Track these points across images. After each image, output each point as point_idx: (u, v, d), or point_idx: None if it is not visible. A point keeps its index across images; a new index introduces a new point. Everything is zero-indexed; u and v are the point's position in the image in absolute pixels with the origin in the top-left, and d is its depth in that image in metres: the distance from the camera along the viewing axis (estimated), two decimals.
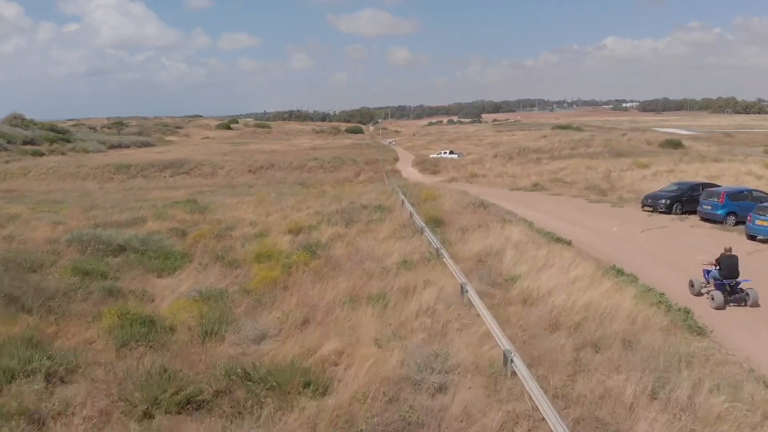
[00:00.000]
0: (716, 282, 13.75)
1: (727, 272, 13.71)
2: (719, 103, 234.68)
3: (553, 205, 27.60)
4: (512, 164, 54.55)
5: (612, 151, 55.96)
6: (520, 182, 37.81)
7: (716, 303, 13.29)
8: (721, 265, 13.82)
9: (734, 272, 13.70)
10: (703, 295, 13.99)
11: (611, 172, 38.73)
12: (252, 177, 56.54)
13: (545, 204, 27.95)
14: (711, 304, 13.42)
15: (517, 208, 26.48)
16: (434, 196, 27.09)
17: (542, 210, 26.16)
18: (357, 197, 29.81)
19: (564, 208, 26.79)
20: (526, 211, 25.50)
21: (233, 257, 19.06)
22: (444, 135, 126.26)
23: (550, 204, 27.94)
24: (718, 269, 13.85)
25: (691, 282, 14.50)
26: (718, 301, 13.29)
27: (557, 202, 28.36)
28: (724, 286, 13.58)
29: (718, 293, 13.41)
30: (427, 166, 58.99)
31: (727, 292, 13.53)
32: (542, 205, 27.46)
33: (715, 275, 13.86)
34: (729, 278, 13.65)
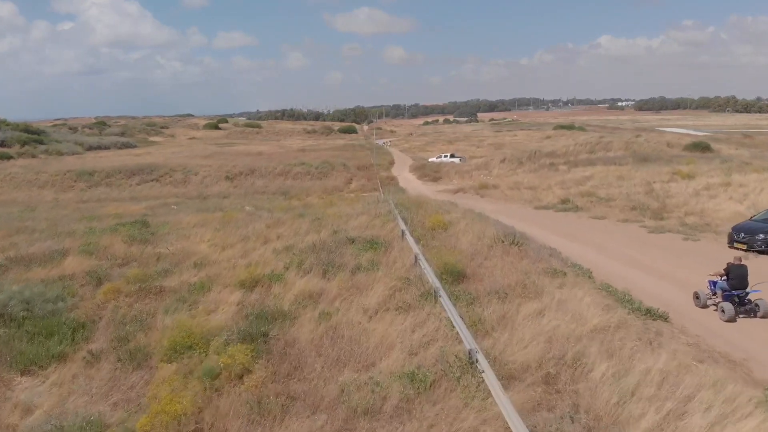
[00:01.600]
0: (725, 293, 12.89)
1: (736, 282, 12.85)
2: (719, 102, 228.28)
3: (603, 235, 20.62)
4: (524, 171, 47.61)
5: (635, 155, 49.07)
6: (544, 197, 30.86)
7: (727, 315, 12.43)
8: (731, 275, 12.95)
9: (744, 282, 12.88)
10: (709, 308, 13.17)
11: (651, 184, 31.82)
12: (229, 185, 49.47)
13: (591, 234, 20.94)
14: (721, 316, 12.57)
15: (557, 241, 19.51)
16: (444, 224, 20.07)
17: (592, 244, 19.15)
18: (343, 222, 22.80)
19: (619, 240, 19.76)
20: (572, 247, 18.54)
21: (141, 343, 12.11)
22: (441, 135, 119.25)
23: (598, 234, 20.93)
24: (726, 280, 13.00)
25: (696, 294, 13.49)
26: (729, 313, 12.42)
27: (606, 231, 21.36)
28: (732, 297, 12.75)
29: (728, 305, 12.54)
30: (426, 172, 52.02)
31: (736, 303, 12.66)
32: (588, 236, 20.47)
33: (723, 286, 13.02)
34: (738, 289, 12.81)
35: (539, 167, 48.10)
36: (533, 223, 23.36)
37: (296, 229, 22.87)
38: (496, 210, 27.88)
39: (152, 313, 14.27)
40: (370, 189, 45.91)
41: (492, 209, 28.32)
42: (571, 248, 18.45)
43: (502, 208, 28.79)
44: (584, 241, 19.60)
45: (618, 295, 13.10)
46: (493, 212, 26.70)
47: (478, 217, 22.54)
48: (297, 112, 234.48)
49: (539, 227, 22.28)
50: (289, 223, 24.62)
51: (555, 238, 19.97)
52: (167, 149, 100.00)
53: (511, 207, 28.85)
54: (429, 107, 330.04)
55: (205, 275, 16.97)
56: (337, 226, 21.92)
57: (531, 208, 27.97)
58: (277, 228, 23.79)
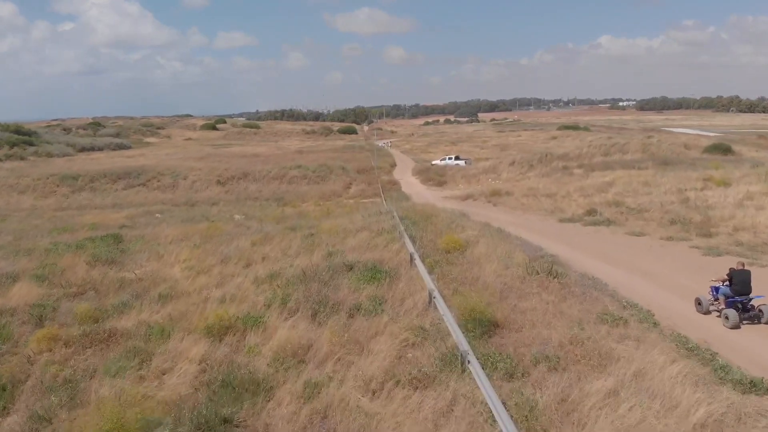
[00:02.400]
0: (728, 299, 12.21)
1: (740, 288, 12.18)
2: (722, 102, 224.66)
3: (648, 258, 17.17)
4: (536, 175, 44.28)
5: (655, 158, 45.76)
6: (566, 206, 27.48)
7: (731, 322, 11.70)
8: (734, 280, 12.31)
9: (747, 288, 12.20)
10: (711, 314, 12.55)
11: (684, 192, 28.48)
12: (220, 190, 46.14)
13: (634, 256, 17.46)
14: (725, 323, 11.84)
15: (596, 266, 16.16)
16: (460, 244, 16.71)
17: (639, 272, 15.66)
18: (340, 239, 19.49)
19: (670, 266, 16.25)
20: (617, 276, 15.18)
21: (60, 430, 8.84)
22: (443, 136, 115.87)
23: (642, 256, 17.45)
24: (729, 285, 12.34)
25: (698, 300, 12.82)
26: (733, 320, 11.70)
27: (651, 252, 17.86)
28: (736, 303, 12.09)
29: (732, 311, 11.84)
30: (431, 176, 48.64)
31: (740, 309, 12.00)
32: (632, 260, 17.01)
33: (726, 292, 12.32)
34: (742, 294, 12.14)
35: (552, 171, 44.75)
36: (561, 241, 19.98)
37: (285, 247, 19.61)
38: (515, 222, 24.54)
39: (92, 373, 11.01)
40: (371, 194, 42.59)
41: (509, 221, 24.97)
42: (616, 277, 15.10)
43: (520, 220, 25.43)
44: (629, 267, 16.22)
45: (703, 355, 9.79)
46: (511, 225, 23.37)
47: (498, 235, 19.19)
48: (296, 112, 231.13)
49: (570, 247, 18.91)
50: (278, 239, 21.36)
51: (593, 263, 16.60)
52: (161, 150, 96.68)
53: (531, 219, 25.47)
54: (429, 107, 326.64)
55: (169, 313, 13.71)
56: (333, 245, 18.61)
57: (554, 221, 24.56)
58: (264, 246, 20.54)
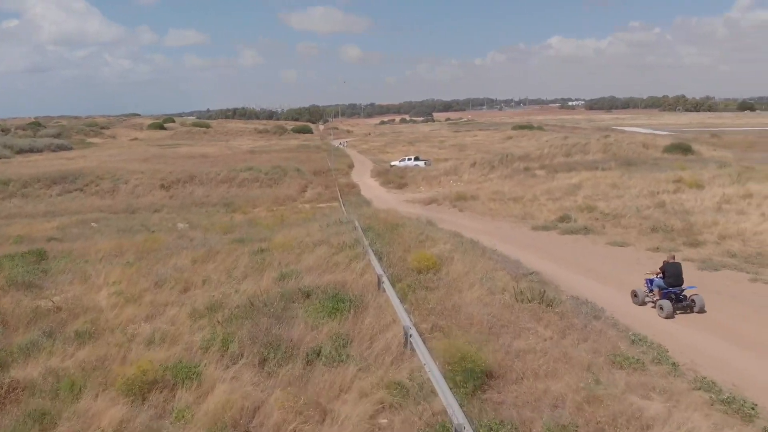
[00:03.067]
0: (662, 291, 12.90)
1: (673, 280, 12.94)
2: (668, 101, 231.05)
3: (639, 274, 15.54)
4: (498, 177, 42.74)
5: (616, 158, 44.93)
6: (536, 212, 25.76)
7: (665, 312, 12.39)
8: (667, 273, 13.07)
9: (679, 280, 12.98)
10: (647, 305, 13.12)
11: (657, 194, 27.22)
12: (164, 195, 42.78)
13: (622, 272, 15.76)
14: (660, 314, 12.50)
15: (585, 285, 14.34)
16: (434, 262, 14.55)
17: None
18: (295, 256, 17.09)
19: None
20: (612, 298, 13.38)
21: None
22: (400, 135, 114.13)
23: (630, 271, 15.81)
24: (663, 277, 13.10)
25: (634, 292, 13.47)
26: (667, 310, 12.40)
27: (640, 266, 16.23)
28: (669, 294, 12.78)
29: (666, 302, 12.53)
30: (391, 178, 46.52)
31: (674, 300, 12.68)
32: (622, 277, 15.24)
33: (660, 284, 13.04)
34: (675, 286, 12.89)
35: (513, 172, 43.32)
36: (541, 253, 18.12)
37: (231, 266, 17.07)
38: (486, 231, 22.62)
39: None
40: (328, 198, 40.16)
41: (479, 230, 23.04)
42: (610, 299, 13.27)
43: (490, 227, 23.54)
44: (620, 285, 14.44)
45: (740, 407, 7.92)
46: (483, 235, 21.43)
47: (473, 248, 17.14)
48: (249, 111, 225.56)
49: (551, 260, 17.05)
50: (223, 255, 18.77)
51: (581, 281, 14.77)
52: (105, 151, 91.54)
53: (502, 226, 23.60)
54: (385, 107, 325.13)
55: (85, 359, 11.09)
56: (287, 263, 16.19)
57: (527, 229, 22.73)
58: (206, 264, 17.95)
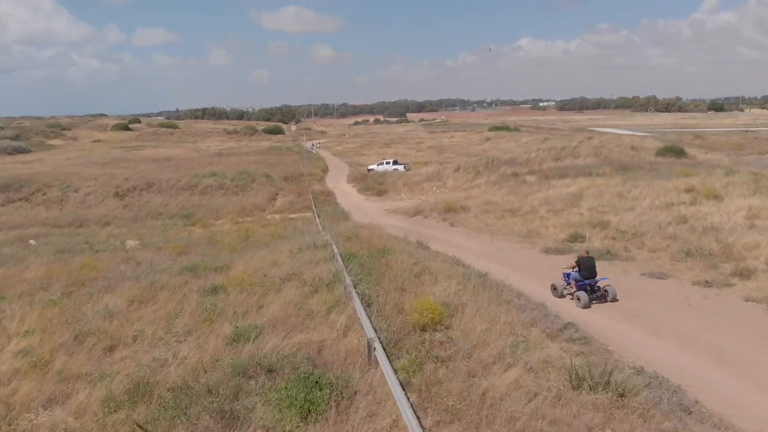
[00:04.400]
0: (578, 283, 13.87)
1: (587, 273, 13.90)
2: (639, 102, 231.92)
3: (711, 327, 11.86)
4: (485, 183, 39.29)
5: (610, 163, 41.90)
6: (541, 228, 22.22)
7: (582, 303, 13.35)
8: (581, 266, 14.00)
9: (593, 272, 13.94)
10: (565, 297, 14.06)
11: (672, 206, 24.00)
12: (117, 205, 38.24)
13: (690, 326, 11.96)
14: (577, 304, 13.41)
15: (651, 349, 10.78)
16: (439, 314, 10.78)
17: (723, 363, 10.36)
18: (257, 300, 13.22)
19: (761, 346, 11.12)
20: (693, 370, 9.83)
21: None
22: (375, 136, 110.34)
23: (697, 323, 12.13)
24: (578, 271, 14.04)
25: (553, 286, 14.51)
26: (584, 300, 13.37)
27: (703, 314, 12.45)
28: (585, 286, 13.74)
29: (583, 293, 13.52)
30: (369, 184, 42.70)
31: (588, 291, 13.66)
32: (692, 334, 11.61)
33: (576, 277, 14.01)
34: (589, 278, 13.86)
35: (501, 178, 39.93)
36: (567, 299, 14.53)
37: (174, 312, 13.12)
38: (488, 255, 19.01)
39: None
40: (301, 208, 36.18)
41: (480, 252, 19.42)
42: (687, 370, 9.71)
43: (491, 249, 19.91)
44: (687, 344, 10.91)
45: None
46: (486, 260, 17.80)
47: (484, 284, 13.44)
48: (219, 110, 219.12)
49: (599, 313, 13.47)
50: (167, 293, 14.83)
51: (635, 337, 11.19)
52: (63, 154, 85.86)
53: (505, 248, 19.98)
54: (358, 107, 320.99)
55: None
56: (245, 312, 12.30)
57: (536, 251, 19.12)
58: (145, 307, 14.02)
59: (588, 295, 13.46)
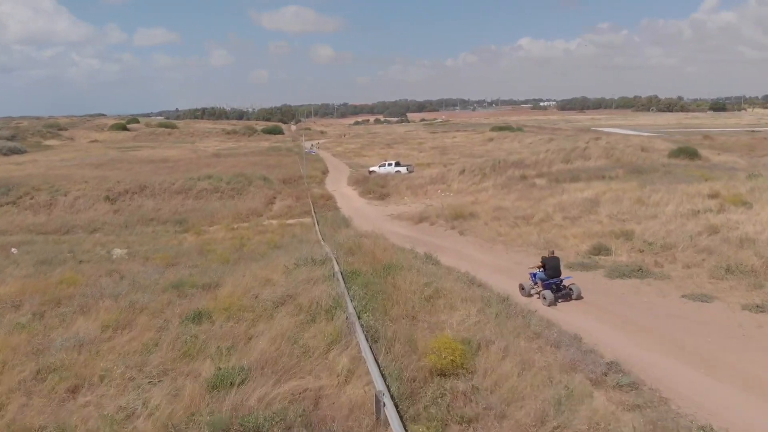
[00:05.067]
0: (544, 282, 14.23)
1: (552, 272, 14.26)
2: (641, 101, 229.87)
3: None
4: (493, 186, 37.49)
5: (622, 165, 40.10)
6: (558, 237, 20.42)
7: (548, 301, 13.70)
8: (546, 266, 14.34)
9: (558, 272, 14.30)
10: (533, 296, 14.35)
11: (698, 214, 22.20)
12: (107, 210, 36.47)
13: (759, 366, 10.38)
14: (543, 302, 13.74)
15: (719, 398, 8.96)
16: (461, 354, 9.01)
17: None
18: (245, 330, 11.48)
19: None
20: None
21: None
22: (376, 137, 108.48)
23: (754, 360, 10.45)
24: (544, 270, 14.36)
25: (521, 285, 14.74)
26: (549, 299, 13.72)
27: (762, 346, 10.94)
28: (551, 285, 14.10)
29: (548, 292, 13.89)
30: (371, 187, 40.90)
31: (554, 289, 14.00)
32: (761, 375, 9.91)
33: (542, 276, 14.35)
34: (554, 277, 14.20)
35: (509, 181, 38.14)
36: (601, 315, 12.75)
37: (149, 345, 11.36)
38: (503, 268, 17.24)
39: None
40: (300, 213, 34.39)
41: (495, 266, 17.63)
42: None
43: (508, 262, 18.11)
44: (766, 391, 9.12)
45: None
46: (502, 275, 16.04)
47: (507, 311, 11.66)
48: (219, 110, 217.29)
49: (624, 331, 11.72)
50: (146, 317, 13.12)
51: (704, 387, 9.40)
52: (58, 155, 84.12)
53: (522, 261, 18.14)
54: (358, 107, 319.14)
55: None
56: (229, 347, 10.52)
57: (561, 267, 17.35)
58: (119, 335, 12.34)
59: (553, 294, 13.91)
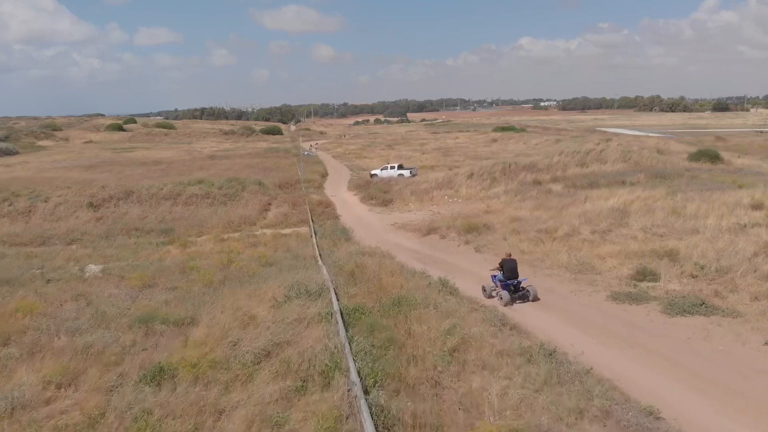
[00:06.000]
0: (502, 283, 14.67)
1: (509, 274, 14.67)
2: (643, 101, 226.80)
3: None
4: (503, 191, 34.66)
5: (641, 168, 37.27)
6: (592, 258, 17.56)
7: (504, 301, 14.29)
8: (504, 268, 14.76)
9: (515, 273, 14.74)
10: (494, 297, 14.78)
11: (746, 228, 19.39)
12: (90, 217, 33.60)
13: None
14: (500, 303, 14.27)
15: None
16: None
17: None
18: (216, 395, 8.59)
19: None
20: None
21: None
22: (377, 137, 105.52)
23: None
24: (502, 272, 14.75)
25: (483, 287, 15.28)
26: (505, 299, 14.31)
27: None
28: (509, 286, 14.60)
29: (505, 293, 14.45)
30: (373, 192, 38.02)
31: (512, 290, 14.55)
32: None
33: (500, 278, 14.80)
34: (511, 279, 14.66)
35: (522, 187, 35.30)
36: (672, 370, 9.93)
37: (93, 416, 8.59)
38: (537, 302, 14.39)
39: None
40: (296, 221, 31.54)
41: (544, 312, 14.76)
42: None
43: (540, 292, 15.24)
44: None
45: None
46: (535, 309, 13.20)
47: (562, 380, 8.85)
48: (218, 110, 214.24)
49: (695, 390, 8.90)
50: (94, 377, 10.38)
51: None
52: (51, 156, 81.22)
53: (556, 289, 15.33)
54: (358, 107, 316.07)
55: None
56: (199, 414, 7.70)
57: (602, 297, 14.37)
58: (56, 401, 9.69)
59: (510, 295, 14.45)
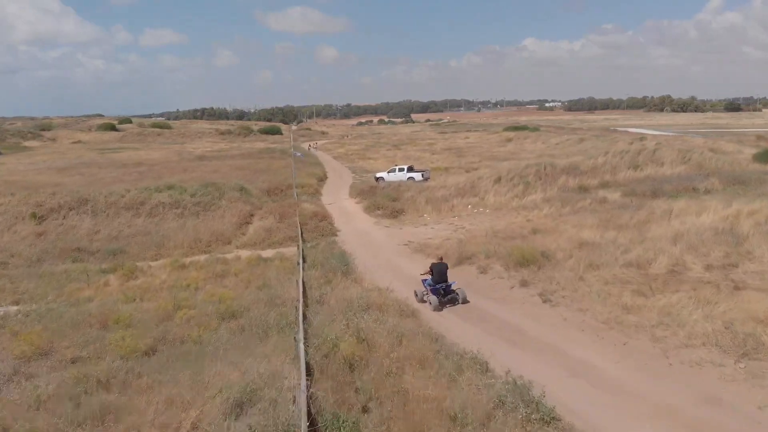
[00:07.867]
0: (431, 288, 14.48)
1: (438, 277, 14.51)
2: (654, 101, 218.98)
3: None
4: (540, 198, 27.53)
5: (710, 173, 30.12)
6: (743, 320, 10.71)
7: (434, 306, 14.15)
8: (434, 272, 14.62)
9: (444, 277, 14.55)
10: (426, 302, 14.55)
11: None
12: (29, 232, 26.61)
13: None
14: (430, 307, 14.17)
15: None
16: None
17: None
18: None
19: None
20: None
21: None
22: (381, 137, 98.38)
23: None
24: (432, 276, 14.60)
25: (415, 292, 15.04)
26: (434, 303, 14.16)
27: None
28: (438, 290, 14.39)
29: (434, 297, 14.26)
30: (379, 201, 30.87)
31: (441, 294, 14.35)
32: None
33: (430, 282, 14.62)
34: (440, 283, 14.47)
35: (564, 193, 28.21)
36: None
37: None
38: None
39: None
40: (282, 238, 24.49)
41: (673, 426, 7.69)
42: None
43: (706, 415, 8.27)
44: None
45: None
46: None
47: None
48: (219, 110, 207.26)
49: None
50: None
51: None
52: (32, 158, 74.36)
53: (725, 402, 8.43)
54: (361, 107, 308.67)
55: None
56: None
57: None
58: None
59: (439, 299, 14.20)
